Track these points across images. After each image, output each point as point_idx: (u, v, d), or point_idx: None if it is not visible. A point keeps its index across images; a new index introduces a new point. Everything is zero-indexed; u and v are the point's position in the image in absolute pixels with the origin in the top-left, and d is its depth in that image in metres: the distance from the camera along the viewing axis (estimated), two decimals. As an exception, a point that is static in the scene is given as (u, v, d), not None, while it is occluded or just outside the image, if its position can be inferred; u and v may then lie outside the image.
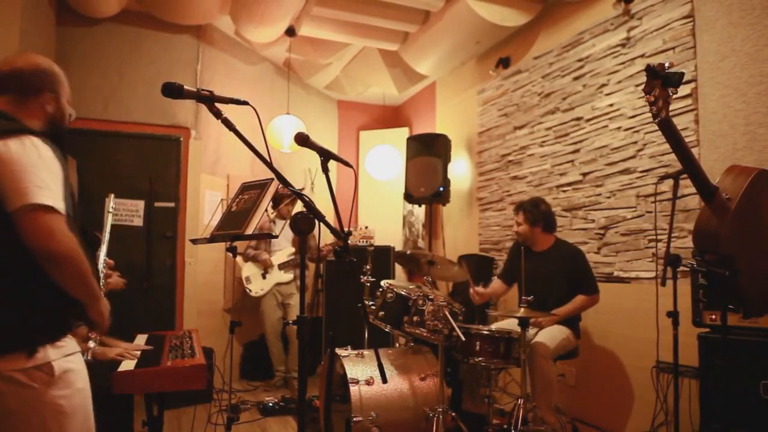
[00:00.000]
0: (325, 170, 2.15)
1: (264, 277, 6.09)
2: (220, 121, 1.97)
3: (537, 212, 4.38)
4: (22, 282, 1.87)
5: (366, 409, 3.58)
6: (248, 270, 6.15)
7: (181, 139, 6.25)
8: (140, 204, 6.02)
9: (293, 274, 6.13)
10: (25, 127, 1.93)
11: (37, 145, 1.88)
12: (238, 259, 6.23)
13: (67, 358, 1.92)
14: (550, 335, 4.02)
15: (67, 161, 2.01)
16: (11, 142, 1.84)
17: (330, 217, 2.09)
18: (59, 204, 1.82)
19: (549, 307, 4.05)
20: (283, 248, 6.14)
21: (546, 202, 4.49)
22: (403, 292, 3.92)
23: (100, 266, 2.71)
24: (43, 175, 1.83)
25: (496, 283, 4.78)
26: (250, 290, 6.08)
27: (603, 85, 4.67)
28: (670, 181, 3.10)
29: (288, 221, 5.75)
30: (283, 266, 6.10)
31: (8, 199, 1.77)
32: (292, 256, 6.09)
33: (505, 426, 3.76)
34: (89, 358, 2.37)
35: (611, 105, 4.57)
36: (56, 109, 2.14)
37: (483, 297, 4.56)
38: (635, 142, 4.34)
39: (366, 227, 6.96)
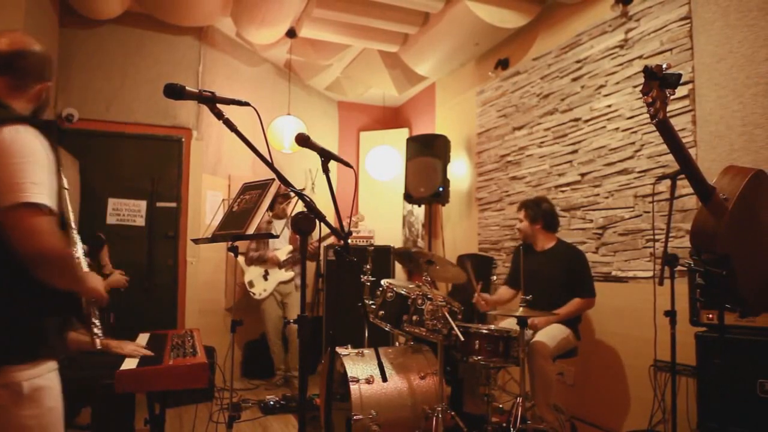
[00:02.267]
0: (326, 170, 2.14)
1: (266, 279, 6.09)
2: (221, 121, 1.96)
3: (538, 210, 4.42)
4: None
5: (366, 407, 3.58)
6: (250, 274, 6.16)
7: (183, 139, 6.25)
8: (142, 204, 6.03)
9: (293, 272, 6.13)
10: (19, 115, 1.79)
11: (33, 136, 1.73)
12: (240, 261, 6.24)
13: (41, 376, 1.77)
14: (551, 335, 4.03)
15: (58, 152, 1.87)
16: (6, 131, 1.69)
17: (330, 216, 2.09)
18: (52, 202, 1.69)
19: (547, 307, 4.05)
20: (281, 247, 6.14)
21: (549, 201, 4.51)
22: (402, 292, 3.92)
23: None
24: (38, 169, 1.69)
25: (503, 290, 4.79)
26: (254, 294, 6.09)
27: (601, 86, 4.67)
28: (667, 182, 3.10)
29: (288, 221, 5.76)
30: (283, 264, 6.11)
31: (1, 194, 1.63)
32: (291, 254, 6.09)
33: (504, 424, 3.76)
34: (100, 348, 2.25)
35: (609, 106, 4.57)
36: (47, 99, 2.04)
37: (489, 304, 4.55)
38: (633, 143, 4.34)
39: (372, 232, 6.94)
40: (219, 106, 1.96)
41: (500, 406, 4.03)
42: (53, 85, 2.05)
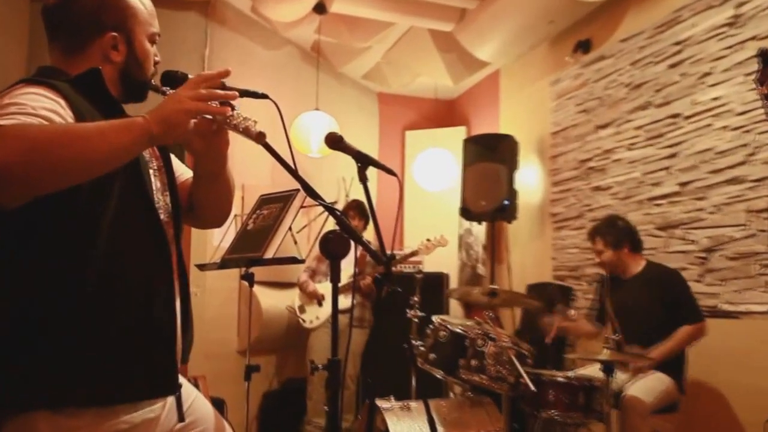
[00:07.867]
0: (363, 179, 2.17)
1: (320, 304, 6.11)
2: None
3: (617, 232, 4.46)
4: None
5: (413, 473, 3.64)
6: (301, 298, 6.30)
7: (187, 141, 6.39)
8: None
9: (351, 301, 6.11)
10: (26, 78, 1.69)
11: (21, 90, 1.59)
12: (255, 290, 6.30)
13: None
14: (647, 387, 4.02)
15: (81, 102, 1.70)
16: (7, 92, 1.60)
17: (369, 236, 2.16)
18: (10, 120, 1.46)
19: (646, 344, 4.07)
20: (343, 269, 6.13)
21: (622, 218, 4.54)
22: (458, 330, 3.94)
23: None
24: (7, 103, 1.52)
25: (583, 323, 4.86)
26: (303, 321, 6.18)
27: (706, 75, 4.67)
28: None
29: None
30: (341, 290, 6.10)
31: None
32: (352, 279, 6.04)
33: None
34: None
35: (716, 99, 4.57)
36: (128, 55, 1.89)
37: (571, 330, 4.58)
38: (745, 145, 4.33)
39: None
40: (229, 99, 2.00)
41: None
42: (137, 33, 1.93)
